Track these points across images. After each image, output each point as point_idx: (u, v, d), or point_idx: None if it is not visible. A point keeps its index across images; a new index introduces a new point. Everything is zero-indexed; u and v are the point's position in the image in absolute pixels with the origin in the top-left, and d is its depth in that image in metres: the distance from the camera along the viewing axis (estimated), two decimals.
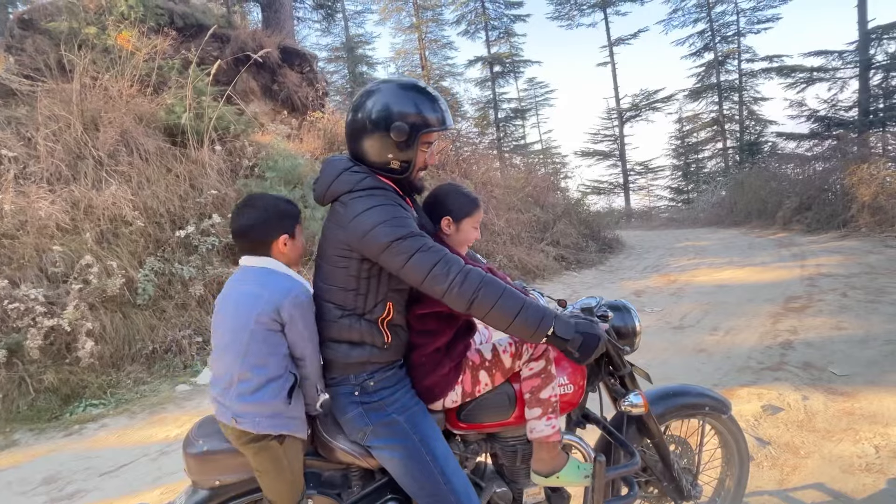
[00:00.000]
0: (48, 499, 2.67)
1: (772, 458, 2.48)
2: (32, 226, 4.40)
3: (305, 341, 1.32)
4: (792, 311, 4.99)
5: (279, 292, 1.30)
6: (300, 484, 1.34)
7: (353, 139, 1.41)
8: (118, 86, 5.63)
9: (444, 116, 1.40)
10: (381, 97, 1.37)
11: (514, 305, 1.25)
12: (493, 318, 1.26)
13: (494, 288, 1.26)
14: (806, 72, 16.88)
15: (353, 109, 1.41)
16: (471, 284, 1.24)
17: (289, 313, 1.29)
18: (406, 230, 1.27)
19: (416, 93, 1.38)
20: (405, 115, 1.34)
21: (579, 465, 1.55)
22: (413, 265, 1.24)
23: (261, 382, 1.27)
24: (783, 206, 12.19)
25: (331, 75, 22.43)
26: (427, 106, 1.38)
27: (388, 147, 1.36)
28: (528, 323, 1.25)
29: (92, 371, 4.11)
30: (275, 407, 1.28)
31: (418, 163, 1.43)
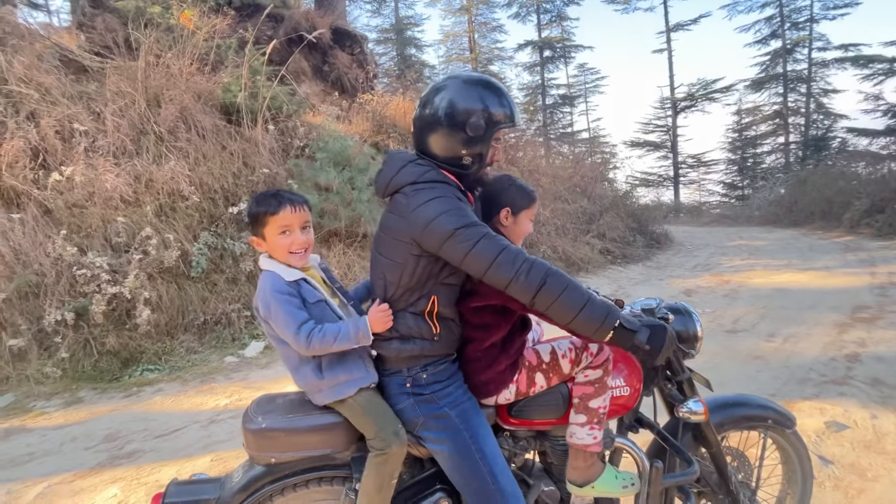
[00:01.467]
0: (109, 456, 2.84)
1: (835, 478, 2.33)
2: (99, 197, 4.64)
3: (279, 331, 1.33)
4: (860, 322, 4.67)
5: (258, 293, 1.38)
6: (388, 423, 1.34)
7: (423, 133, 1.40)
8: (179, 64, 5.82)
9: (513, 112, 1.40)
10: (451, 93, 1.36)
11: (579, 298, 1.22)
12: (557, 311, 1.23)
13: (560, 279, 1.23)
14: (885, 62, 15.60)
15: (421, 105, 1.41)
16: (537, 274, 1.22)
17: (263, 309, 1.34)
18: (469, 219, 1.26)
19: (485, 89, 1.38)
20: (477, 110, 1.34)
21: (617, 475, 1.49)
22: (477, 253, 1.23)
23: (292, 367, 1.39)
24: (851, 208, 11.40)
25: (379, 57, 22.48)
26: (497, 102, 1.37)
27: (460, 142, 1.36)
28: (593, 317, 1.22)
29: (148, 338, 4.33)
30: (314, 385, 1.37)
31: (488, 158, 1.42)
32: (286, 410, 1.37)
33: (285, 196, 1.40)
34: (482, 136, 1.35)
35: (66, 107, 4.96)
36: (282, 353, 1.40)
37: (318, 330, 1.29)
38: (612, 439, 1.57)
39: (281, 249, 1.37)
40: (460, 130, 1.34)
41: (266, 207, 1.37)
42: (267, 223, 1.37)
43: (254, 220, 1.40)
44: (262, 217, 1.37)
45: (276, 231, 1.37)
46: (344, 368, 1.35)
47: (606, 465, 1.50)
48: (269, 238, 1.38)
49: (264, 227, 1.38)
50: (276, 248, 1.38)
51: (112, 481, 2.56)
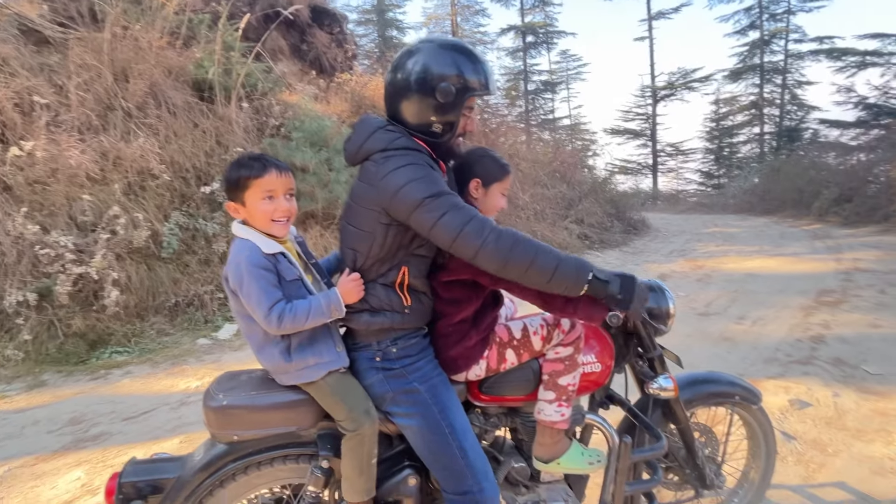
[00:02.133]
0: (74, 439, 2.76)
1: (797, 453, 2.41)
2: (63, 174, 4.45)
3: (248, 307, 1.26)
4: (825, 305, 4.81)
5: (229, 261, 1.29)
6: (358, 403, 1.30)
7: (393, 99, 1.35)
8: (148, 37, 5.59)
9: (487, 80, 1.35)
10: (426, 57, 1.31)
11: (550, 261, 1.21)
12: (531, 277, 1.22)
13: (529, 246, 1.21)
14: (858, 55, 15.95)
15: (393, 69, 1.35)
16: (505, 242, 1.20)
17: (233, 279, 1.26)
18: (438, 188, 1.22)
19: (462, 54, 1.32)
20: (451, 76, 1.29)
21: (583, 452, 1.50)
22: (444, 224, 1.20)
23: (256, 346, 1.32)
24: (821, 197, 11.72)
25: (360, 38, 22.05)
26: (472, 69, 1.32)
27: (430, 109, 1.31)
28: (567, 275, 1.22)
29: (117, 319, 4.21)
30: (281, 367, 1.30)
31: (459, 127, 1.37)
32: (249, 388, 1.33)
33: (270, 160, 1.31)
34: (453, 104, 1.30)
35: (25, 79, 4.72)
36: (245, 330, 1.32)
37: (290, 309, 1.22)
38: (582, 416, 1.57)
39: (263, 216, 1.28)
40: (430, 96, 1.29)
41: (249, 171, 1.27)
42: (249, 187, 1.27)
43: (233, 185, 1.29)
44: (245, 181, 1.27)
45: (260, 196, 1.27)
46: (313, 351, 1.29)
47: (573, 441, 1.50)
48: (249, 203, 1.28)
49: (245, 192, 1.27)
50: (257, 215, 1.28)
51: (76, 464, 2.49)
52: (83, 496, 2.23)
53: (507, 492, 1.53)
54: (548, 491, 1.53)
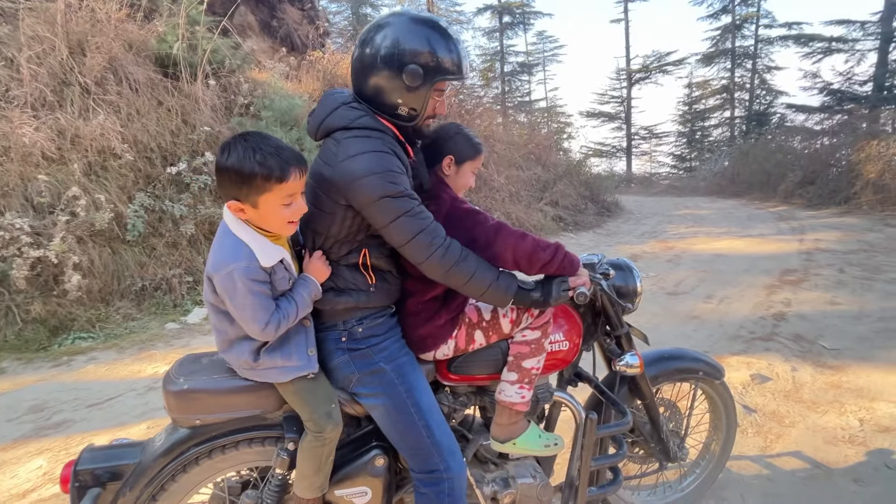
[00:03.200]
0: (35, 427, 2.67)
1: (757, 425, 2.50)
2: (16, 153, 4.23)
3: (236, 318, 1.17)
4: (787, 284, 4.99)
5: (211, 262, 1.15)
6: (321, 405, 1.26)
7: (360, 76, 1.28)
8: (106, 8, 5.30)
9: (461, 61, 1.28)
10: (395, 31, 1.23)
11: (486, 279, 1.28)
12: (468, 289, 1.29)
13: (471, 263, 1.27)
14: (825, 41, 16.32)
15: (360, 43, 1.28)
16: (450, 258, 1.24)
17: (221, 286, 1.14)
18: (398, 188, 1.18)
19: (434, 31, 1.24)
20: (420, 55, 1.22)
21: (540, 434, 1.51)
22: (396, 227, 1.19)
23: (224, 341, 1.24)
24: (786, 180, 12.08)
25: (333, 16, 21.46)
26: (445, 49, 1.25)
27: (397, 90, 1.25)
28: (498, 292, 1.30)
29: (80, 304, 4.07)
30: (246, 365, 1.23)
31: (428, 110, 1.31)
32: (211, 371, 1.30)
33: (289, 155, 1.11)
34: (420, 86, 1.24)
35: None
36: (216, 323, 1.22)
37: (283, 317, 1.16)
38: (550, 393, 1.59)
39: (280, 222, 1.15)
40: (398, 77, 1.22)
41: (270, 172, 1.08)
42: (268, 191, 1.10)
43: (245, 183, 1.09)
44: (263, 183, 1.09)
45: (279, 202, 1.12)
46: (283, 353, 1.22)
47: (531, 424, 1.51)
48: (265, 208, 1.12)
49: (261, 195, 1.10)
50: (271, 220, 1.15)
51: (38, 452, 2.41)
52: (44, 485, 2.17)
53: (477, 469, 1.55)
54: (516, 467, 1.55)
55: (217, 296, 1.17)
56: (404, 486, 1.46)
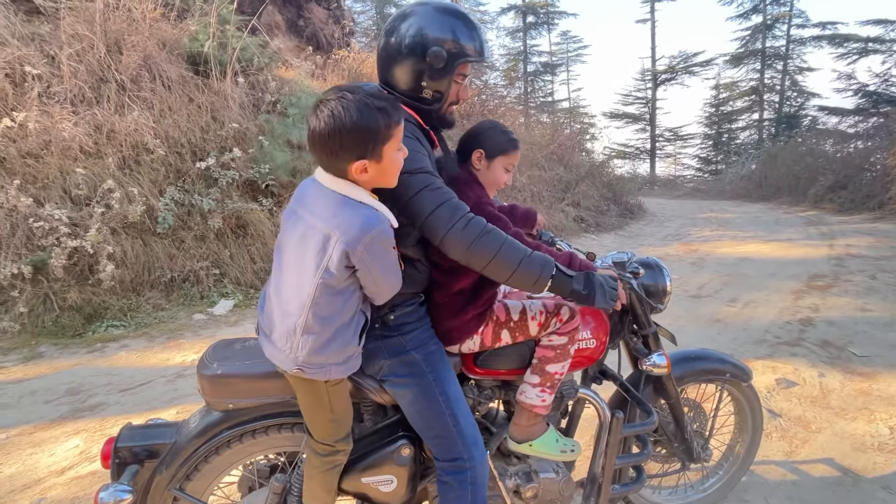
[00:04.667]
0: (71, 409, 2.78)
1: (782, 429, 2.46)
2: (56, 146, 4.40)
3: (377, 286, 1.15)
4: (815, 289, 4.87)
5: (354, 232, 1.06)
6: (345, 422, 1.28)
7: (385, 65, 1.32)
8: (142, 8, 5.46)
9: (482, 46, 1.32)
10: (419, 20, 1.28)
11: (516, 255, 1.21)
12: (494, 269, 1.21)
13: (495, 237, 1.20)
14: (861, 42, 15.83)
15: (386, 33, 1.32)
16: (472, 231, 1.18)
17: (360, 258, 1.07)
18: (418, 165, 1.20)
19: (455, 18, 1.29)
20: (443, 40, 1.26)
21: (557, 439, 1.51)
22: (419, 200, 1.19)
23: (330, 335, 1.13)
24: (816, 184, 11.76)
25: (358, 16, 21.64)
26: (466, 34, 1.29)
27: (421, 74, 1.28)
28: (531, 271, 1.21)
29: (113, 293, 4.21)
30: (347, 352, 1.17)
31: (451, 94, 1.35)
32: (244, 356, 1.34)
33: (385, 96, 1.10)
34: (444, 69, 1.27)
35: (16, 48, 4.63)
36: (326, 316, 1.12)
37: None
38: (575, 390, 1.60)
39: (396, 169, 1.13)
40: (422, 61, 1.26)
41: (389, 116, 1.06)
42: (392, 137, 1.08)
43: (371, 136, 1.05)
44: (386, 129, 1.07)
45: (396, 146, 1.11)
46: (350, 346, 1.17)
47: (550, 427, 1.51)
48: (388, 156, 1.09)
49: (386, 143, 1.07)
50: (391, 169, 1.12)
51: (74, 433, 2.52)
52: (81, 463, 2.26)
53: (500, 462, 1.56)
54: (539, 462, 1.56)
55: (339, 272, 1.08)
56: (428, 475, 1.49)
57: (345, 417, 1.28)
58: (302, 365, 1.14)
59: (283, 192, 5.53)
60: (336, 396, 1.24)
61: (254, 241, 5.09)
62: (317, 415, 1.25)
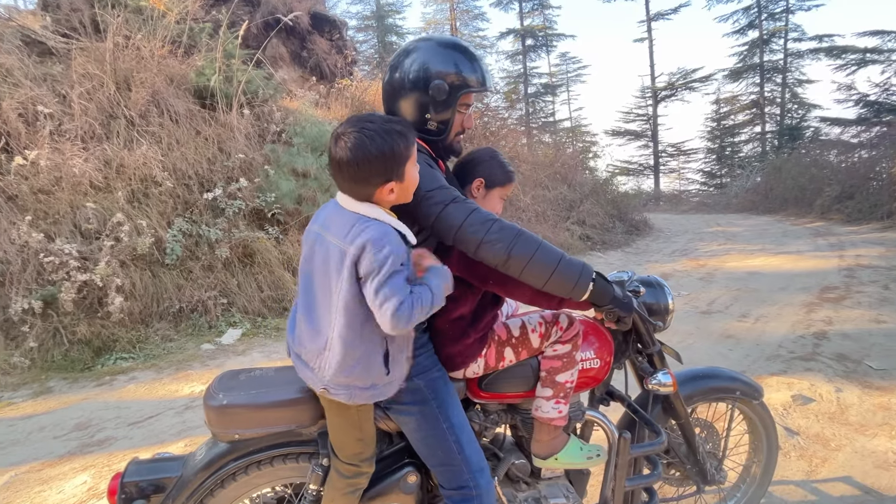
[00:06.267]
0: (80, 444, 2.78)
1: (800, 448, 2.40)
2: (67, 182, 4.49)
3: (375, 298, 1.13)
4: (828, 302, 4.80)
5: (360, 243, 1.10)
6: (371, 442, 1.30)
7: (390, 98, 1.37)
8: (150, 46, 5.64)
9: (483, 77, 1.36)
10: (421, 55, 1.33)
11: (553, 256, 1.20)
12: (532, 273, 1.20)
13: (531, 240, 1.20)
14: (858, 53, 15.94)
15: (390, 68, 1.38)
16: (507, 235, 1.18)
17: (370, 263, 1.10)
18: (438, 183, 1.23)
19: (456, 51, 1.34)
20: (445, 73, 1.31)
21: (581, 447, 1.50)
22: (447, 215, 1.19)
23: (356, 357, 1.16)
24: (822, 194, 11.70)
25: (360, 44, 22.17)
26: (467, 65, 1.34)
27: (425, 106, 1.32)
28: (570, 273, 1.21)
29: (122, 326, 4.24)
30: (373, 379, 1.19)
31: (455, 125, 1.39)
32: (249, 386, 1.34)
33: (398, 119, 1.19)
34: (447, 101, 1.31)
35: (29, 88, 4.77)
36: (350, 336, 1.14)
37: (418, 303, 1.10)
38: (582, 412, 1.58)
39: (414, 184, 1.17)
40: (425, 94, 1.30)
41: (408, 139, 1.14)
42: (411, 155, 1.15)
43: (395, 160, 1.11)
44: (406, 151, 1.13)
45: (414, 164, 1.16)
46: (396, 373, 1.21)
47: (571, 436, 1.50)
48: (409, 174, 1.15)
49: (405, 164, 1.13)
50: (411, 186, 1.17)
51: (82, 468, 2.50)
52: (89, 500, 2.24)
53: (508, 488, 1.54)
54: (548, 487, 1.53)
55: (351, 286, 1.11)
56: (436, 503, 1.47)
57: (371, 438, 1.30)
58: (327, 385, 1.18)
59: (288, 219, 5.59)
60: (365, 416, 1.27)
61: (261, 270, 5.13)
62: (346, 434, 1.26)
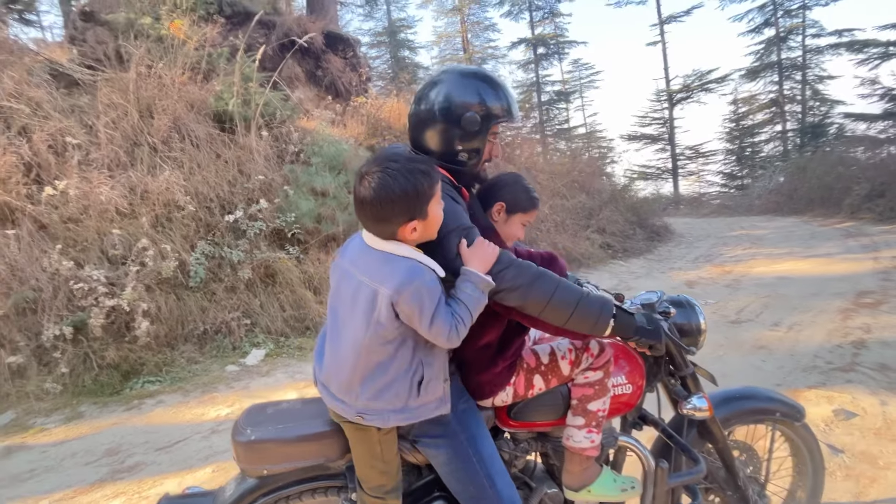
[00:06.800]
0: (111, 470, 2.81)
1: (846, 467, 2.29)
2: (94, 210, 4.61)
3: (428, 333, 1.17)
4: (864, 308, 4.62)
5: (395, 285, 1.13)
6: (394, 473, 1.30)
7: (417, 130, 1.38)
8: (171, 74, 5.79)
9: (510, 106, 1.39)
10: (449, 87, 1.35)
11: (572, 296, 1.21)
12: (551, 313, 1.21)
13: (550, 279, 1.21)
14: (880, 46, 15.54)
15: (417, 100, 1.40)
16: (525, 276, 1.20)
17: (405, 309, 1.13)
18: (460, 221, 1.24)
19: (484, 82, 1.36)
20: (474, 105, 1.32)
21: (615, 478, 1.45)
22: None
23: (387, 381, 1.19)
24: (851, 193, 11.35)
25: (373, 60, 22.50)
26: (494, 95, 1.36)
27: (456, 137, 1.34)
28: (590, 311, 1.21)
29: (148, 349, 4.30)
30: (405, 401, 1.21)
31: (485, 154, 1.40)
32: (277, 420, 1.34)
33: (423, 158, 1.21)
34: (478, 131, 1.33)
35: (58, 120, 4.93)
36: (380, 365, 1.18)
37: (460, 319, 1.14)
38: (615, 438, 1.53)
39: (438, 222, 1.19)
40: (455, 125, 1.32)
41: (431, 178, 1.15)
42: (435, 193, 1.16)
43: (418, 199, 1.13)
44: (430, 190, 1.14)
45: (438, 201, 1.18)
46: (428, 395, 1.22)
47: (604, 467, 1.45)
48: (433, 212, 1.16)
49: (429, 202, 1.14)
50: (434, 224, 1.18)
51: (114, 496, 2.53)
52: None
53: None
54: None
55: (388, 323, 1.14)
56: None
57: (395, 469, 1.30)
58: (362, 412, 1.21)
59: (308, 238, 5.64)
60: (387, 446, 1.27)
61: (282, 289, 5.17)
62: (369, 464, 1.27)
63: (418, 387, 1.20)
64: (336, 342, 1.24)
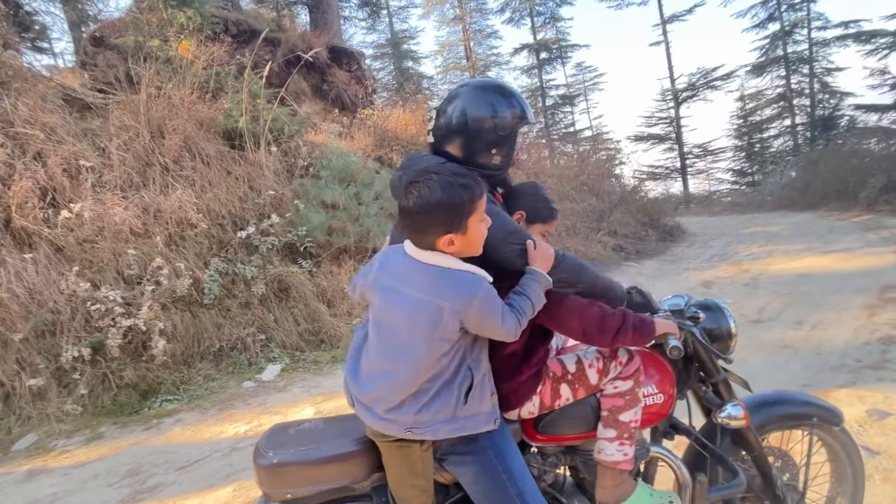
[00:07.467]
0: (132, 491, 2.80)
1: (884, 470, 2.21)
2: (109, 231, 4.65)
3: (496, 336, 1.20)
4: (890, 303, 4.50)
5: (461, 300, 1.13)
6: (431, 491, 1.28)
7: (444, 140, 1.42)
8: (180, 94, 5.86)
9: (525, 111, 1.44)
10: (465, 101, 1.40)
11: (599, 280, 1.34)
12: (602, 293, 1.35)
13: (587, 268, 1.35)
14: (888, 36, 15.34)
15: (440, 113, 1.43)
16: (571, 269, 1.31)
17: (472, 321, 1.14)
18: (512, 225, 1.31)
19: (505, 93, 1.43)
20: (504, 111, 1.39)
21: (651, 493, 1.40)
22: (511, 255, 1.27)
23: (435, 391, 1.18)
24: (867, 186, 11.15)
25: (378, 72, 22.64)
26: (518, 103, 1.42)
27: (491, 143, 1.39)
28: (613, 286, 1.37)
29: (166, 368, 4.31)
30: (454, 410, 1.19)
31: (515, 157, 1.45)
32: (299, 442, 1.31)
33: (466, 172, 1.19)
34: (509, 135, 1.39)
35: (71, 144, 5.00)
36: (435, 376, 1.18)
37: (521, 312, 1.18)
38: (646, 449, 1.48)
39: (480, 239, 1.21)
40: (492, 131, 1.37)
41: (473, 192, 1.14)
42: (475, 210, 1.16)
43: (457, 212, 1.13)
44: (471, 204, 1.14)
45: (480, 217, 1.17)
46: (475, 404, 1.21)
47: (639, 482, 1.41)
48: (472, 228, 1.18)
49: (470, 216, 1.14)
50: (475, 240, 1.20)
51: None
52: None
53: None
54: None
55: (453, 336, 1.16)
56: None
57: (431, 487, 1.29)
58: (411, 426, 1.19)
59: (320, 251, 5.64)
60: (426, 463, 1.26)
61: (296, 304, 5.17)
62: (410, 483, 1.25)
63: (466, 394, 1.19)
64: (389, 362, 1.20)
